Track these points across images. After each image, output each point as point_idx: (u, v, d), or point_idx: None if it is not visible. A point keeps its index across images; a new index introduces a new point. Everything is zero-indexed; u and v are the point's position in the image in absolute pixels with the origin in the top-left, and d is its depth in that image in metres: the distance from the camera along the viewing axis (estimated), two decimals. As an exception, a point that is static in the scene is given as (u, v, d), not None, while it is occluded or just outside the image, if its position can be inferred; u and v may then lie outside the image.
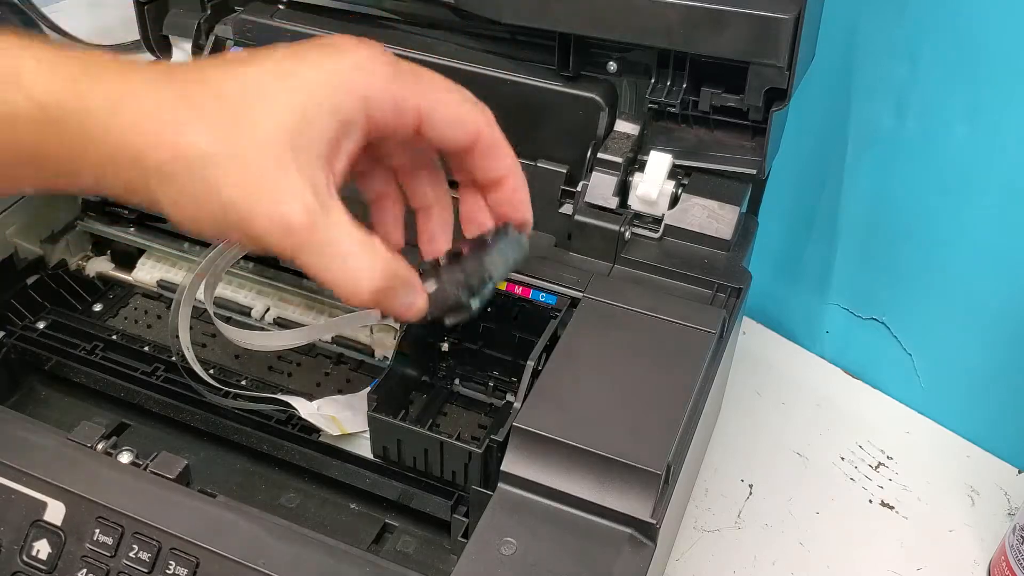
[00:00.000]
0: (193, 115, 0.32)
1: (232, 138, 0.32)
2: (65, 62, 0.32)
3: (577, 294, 0.45)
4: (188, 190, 0.32)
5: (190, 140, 0.32)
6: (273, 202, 0.32)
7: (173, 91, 0.33)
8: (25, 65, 0.32)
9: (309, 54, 0.34)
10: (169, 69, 0.35)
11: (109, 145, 0.32)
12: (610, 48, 0.51)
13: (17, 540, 0.37)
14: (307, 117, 0.33)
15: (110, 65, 0.33)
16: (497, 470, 0.38)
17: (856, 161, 0.59)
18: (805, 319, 0.67)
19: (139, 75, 0.33)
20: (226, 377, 0.46)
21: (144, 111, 0.32)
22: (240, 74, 0.33)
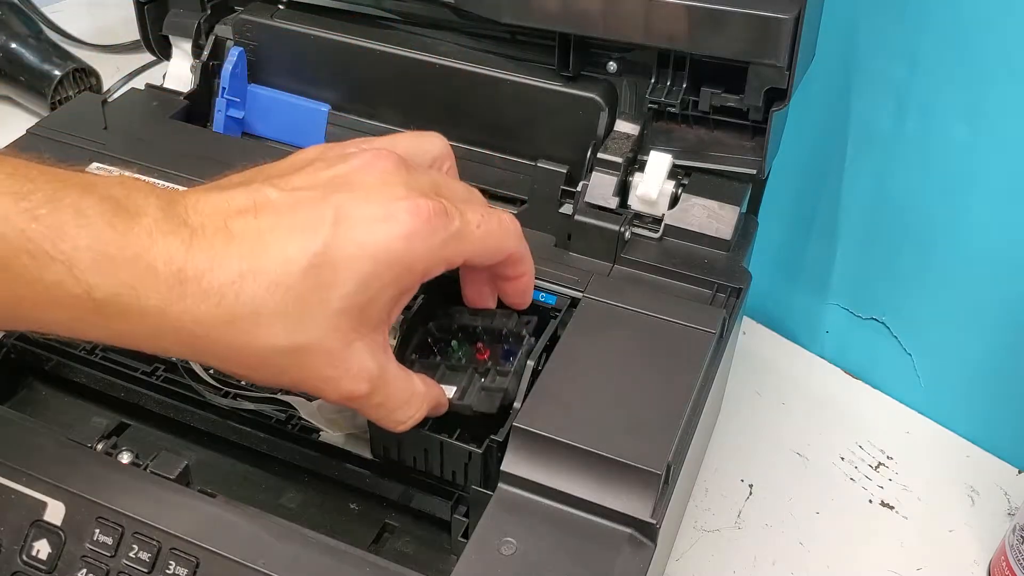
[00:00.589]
0: (269, 310, 0.32)
1: (302, 333, 0.33)
2: (113, 255, 0.31)
3: (577, 294, 0.45)
4: (245, 369, 0.34)
5: (265, 344, 0.33)
6: (339, 381, 0.35)
7: (231, 293, 0.32)
8: (81, 257, 0.30)
9: (359, 213, 0.34)
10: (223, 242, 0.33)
11: (165, 339, 0.32)
12: (610, 48, 0.51)
13: (17, 540, 0.37)
14: (367, 300, 0.34)
15: (151, 260, 0.31)
16: (497, 470, 0.38)
17: (856, 161, 0.59)
18: (805, 319, 0.67)
19: (192, 265, 0.32)
20: (226, 377, 0.46)
21: (204, 319, 0.32)
22: (300, 247, 0.33)
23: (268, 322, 0.33)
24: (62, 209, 0.30)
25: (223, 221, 0.33)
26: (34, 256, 0.30)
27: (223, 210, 0.33)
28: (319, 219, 0.34)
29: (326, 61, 0.56)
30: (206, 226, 0.33)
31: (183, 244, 0.32)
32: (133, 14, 0.61)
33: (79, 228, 0.30)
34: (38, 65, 0.79)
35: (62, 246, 0.30)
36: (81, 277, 0.30)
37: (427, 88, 0.54)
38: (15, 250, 0.30)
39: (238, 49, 0.58)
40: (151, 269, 0.31)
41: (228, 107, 0.58)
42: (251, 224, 0.33)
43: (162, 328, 0.32)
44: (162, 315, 0.31)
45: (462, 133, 0.55)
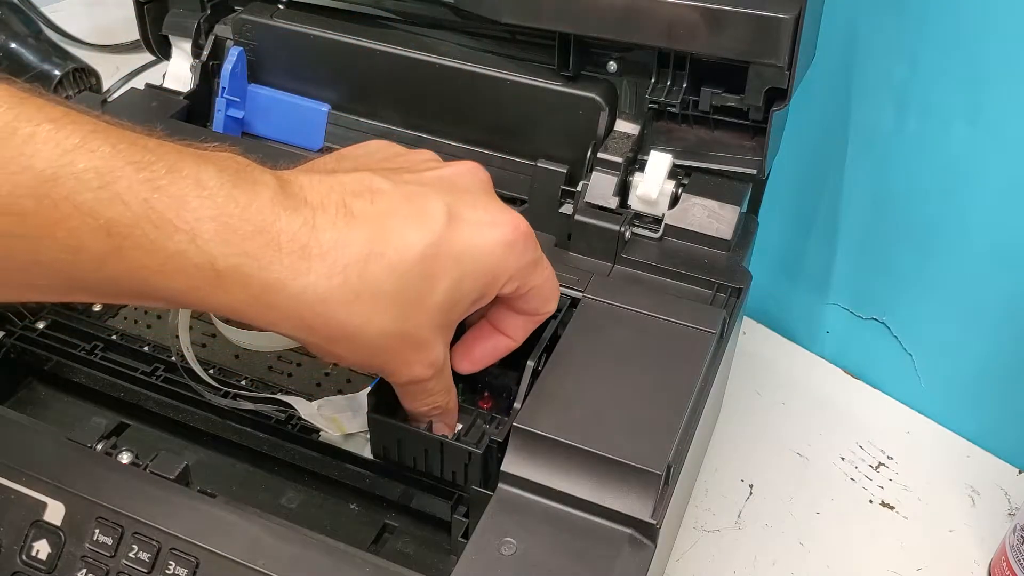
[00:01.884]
0: (387, 292, 0.34)
1: (405, 321, 0.35)
2: (236, 226, 0.31)
3: (577, 294, 0.45)
4: (346, 349, 0.35)
5: (377, 327, 0.34)
6: (414, 365, 0.37)
7: (355, 272, 0.33)
8: (204, 228, 0.31)
9: (470, 215, 0.36)
10: (344, 228, 0.34)
11: (278, 311, 0.33)
12: (610, 48, 0.51)
13: (17, 540, 0.37)
14: (459, 297, 0.36)
15: (275, 234, 0.32)
16: (497, 470, 0.38)
17: (856, 161, 0.59)
18: (805, 319, 0.67)
19: (318, 242, 0.33)
20: (226, 377, 0.46)
21: (328, 296, 0.33)
22: (417, 236, 0.34)
23: (384, 305, 0.34)
24: (183, 179, 0.31)
25: (342, 201, 0.34)
26: (157, 225, 0.30)
27: (340, 192, 0.34)
28: (434, 213, 0.35)
29: (326, 61, 0.56)
30: (326, 205, 0.33)
31: (306, 222, 0.33)
32: (133, 14, 0.61)
33: (201, 199, 0.31)
34: (38, 65, 0.79)
35: (185, 215, 0.30)
36: (204, 247, 0.31)
37: (427, 88, 0.54)
38: (138, 218, 0.30)
39: (238, 49, 0.58)
40: (275, 242, 0.32)
41: (228, 107, 0.58)
42: (370, 208, 0.34)
43: (279, 301, 0.32)
44: (283, 288, 0.32)
45: (462, 133, 0.55)
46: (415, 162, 0.40)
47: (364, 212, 0.34)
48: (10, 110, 0.29)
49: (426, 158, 0.41)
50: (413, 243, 0.34)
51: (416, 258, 0.34)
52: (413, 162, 0.40)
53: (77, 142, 0.29)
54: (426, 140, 0.56)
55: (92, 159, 0.29)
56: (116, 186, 0.30)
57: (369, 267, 0.33)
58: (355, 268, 0.33)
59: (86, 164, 0.29)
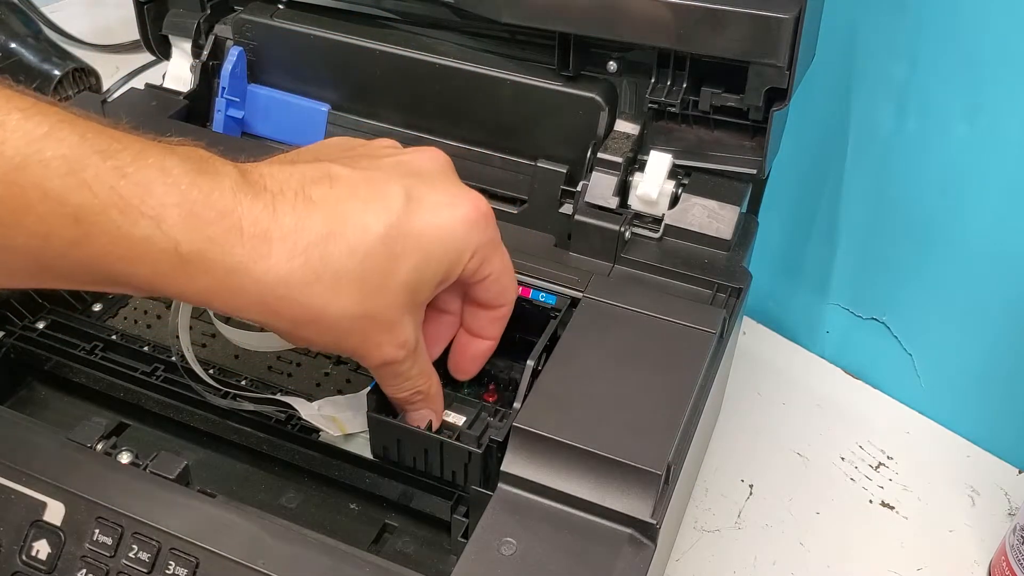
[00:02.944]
0: (349, 274, 0.34)
1: (370, 302, 0.35)
2: (200, 212, 0.32)
3: (577, 294, 0.45)
4: (312, 332, 0.36)
5: (341, 308, 0.35)
6: (384, 346, 0.37)
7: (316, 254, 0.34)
8: (169, 213, 0.31)
9: (428, 197, 0.37)
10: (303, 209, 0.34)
11: (243, 296, 0.33)
12: (610, 48, 0.51)
13: (17, 540, 0.37)
14: (424, 278, 0.37)
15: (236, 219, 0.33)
16: (497, 470, 0.38)
17: (856, 161, 0.59)
18: (805, 319, 0.67)
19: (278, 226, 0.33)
20: (226, 377, 0.46)
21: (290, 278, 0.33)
22: (376, 218, 0.35)
23: (347, 285, 0.34)
24: (148, 167, 0.31)
25: (301, 187, 0.35)
26: (123, 212, 0.31)
27: (298, 179, 0.35)
28: (393, 196, 0.36)
29: (326, 61, 0.56)
30: (285, 192, 0.34)
31: (266, 206, 0.33)
32: (133, 14, 0.60)
33: (166, 186, 0.31)
34: (38, 65, 0.79)
35: (150, 202, 0.31)
36: (169, 232, 0.31)
37: (427, 88, 0.54)
38: (104, 205, 0.30)
39: (238, 49, 0.58)
40: (236, 227, 0.32)
41: (228, 107, 0.58)
42: (328, 193, 0.35)
43: (243, 285, 0.33)
44: (246, 272, 0.33)
45: (462, 133, 0.55)
46: (374, 148, 0.41)
47: (323, 196, 0.35)
48: None
49: (385, 145, 0.41)
50: (372, 224, 0.35)
51: (376, 239, 0.35)
52: (372, 149, 0.40)
53: (45, 131, 0.30)
54: (426, 140, 0.56)
55: (60, 147, 0.30)
56: (83, 173, 0.30)
57: (329, 249, 0.34)
58: (315, 250, 0.34)
59: (54, 152, 0.30)
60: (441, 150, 0.41)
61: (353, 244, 0.34)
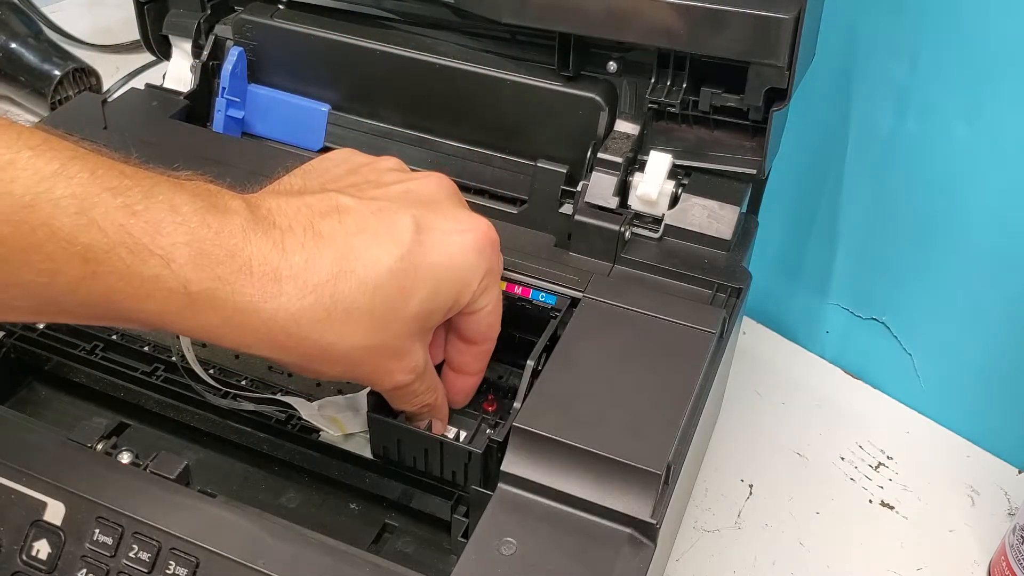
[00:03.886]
0: (360, 309, 0.34)
1: (381, 334, 0.35)
2: (210, 251, 0.32)
3: (577, 294, 0.45)
4: (322, 365, 0.36)
5: (352, 342, 0.35)
6: (395, 373, 0.37)
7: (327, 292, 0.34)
8: (179, 252, 0.31)
9: (437, 226, 0.37)
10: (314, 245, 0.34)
11: (252, 334, 0.33)
12: (610, 48, 0.51)
13: (17, 540, 0.37)
14: (434, 307, 0.37)
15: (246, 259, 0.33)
16: (497, 470, 0.38)
17: (856, 161, 0.59)
18: (805, 319, 0.67)
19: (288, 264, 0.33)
20: (226, 377, 0.46)
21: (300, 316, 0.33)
22: (386, 251, 0.35)
23: (357, 321, 0.34)
24: (158, 205, 0.31)
25: (310, 223, 0.34)
26: (132, 250, 0.31)
27: (307, 214, 0.35)
28: (402, 227, 0.36)
29: (326, 61, 0.56)
30: (294, 228, 0.34)
31: (275, 245, 0.33)
32: (133, 14, 0.60)
33: (175, 225, 0.31)
34: (38, 65, 0.79)
35: (160, 241, 0.31)
36: (179, 272, 0.31)
37: (427, 88, 0.54)
38: (113, 244, 0.30)
39: (238, 49, 0.58)
40: (246, 266, 0.32)
41: (228, 107, 0.58)
42: (337, 227, 0.35)
43: (251, 324, 0.33)
44: (255, 311, 0.33)
45: (462, 133, 0.55)
46: (380, 172, 0.40)
47: (332, 232, 0.35)
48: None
49: (391, 167, 0.41)
50: (383, 259, 0.35)
51: (386, 273, 0.35)
52: (378, 173, 0.40)
53: (56, 168, 0.30)
54: (426, 140, 0.56)
55: (70, 185, 0.30)
56: (93, 212, 0.30)
57: (340, 286, 0.34)
58: (326, 288, 0.34)
59: (64, 191, 0.30)
60: (445, 175, 0.41)
61: (363, 279, 0.34)
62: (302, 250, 0.34)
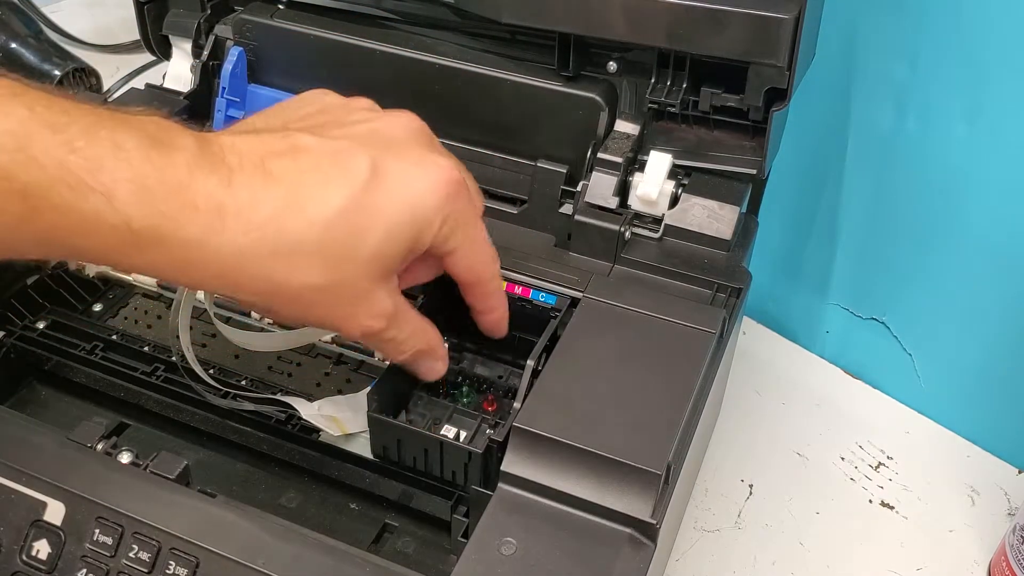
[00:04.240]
0: (308, 247, 0.34)
1: (334, 274, 0.35)
2: (152, 187, 0.31)
3: (577, 294, 0.45)
4: (277, 304, 0.35)
5: (302, 280, 0.34)
6: (359, 317, 0.37)
7: (272, 228, 0.33)
8: (120, 189, 0.31)
9: (395, 167, 0.36)
10: (261, 177, 0.34)
11: (201, 270, 0.33)
12: (610, 48, 0.51)
13: (17, 540, 0.37)
14: (389, 249, 0.36)
15: (191, 195, 0.32)
16: (497, 470, 0.38)
17: (856, 161, 0.59)
18: (805, 319, 0.67)
19: (233, 200, 0.33)
20: (226, 377, 0.46)
21: (246, 251, 0.33)
22: (338, 191, 0.34)
23: (306, 259, 0.34)
24: (100, 141, 0.31)
25: (261, 161, 0.34)
26: (72, 187, 0.30)
27: (260, 152, 0.35)
28: (357, 167, 0.35)
29: (326, 61, 0.56)
30: (244, 165, 0.34)
31: (222, 180, 0.33)
32: (133, 14, 0.60)
33: (117, 161, 0.31)
34: (38, 65, 0.79)
35: (101, 177, 0.31)
36: (120, 208, 0.31)
37: (427, 88, 0.54)
38: (52, 180, 0.30)
39: (238, 49, 0.58)
40: (190, 202, 0.32)
41: (228, 107, 0.58)
42: (290, 166, 0.34)
43: (199, 259, 0.33)
44: (201, 246, 0.32)
45: (462, 133, 0.55)
46: (349, 111, 0.40)
47: (284, 170, 0.34)
48: None
49: (361, 107, 0.40)
50: (332, 197, 0.34)
51: (336, 212, 0.34)
52: (347, 112, 0.40)
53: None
54: (426, 140, 0.56)
55: (8, 122, 0.30)
56: (32, 149, 0.30)
57: (286, 222, 0.33)
58: (271, 224, 0.33)
59: (2, 127, 0.30)
60: (416, 115, 0.40)
61: (311, 217, 0.34)
62: (249, 187, 0.33)
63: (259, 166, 0.34)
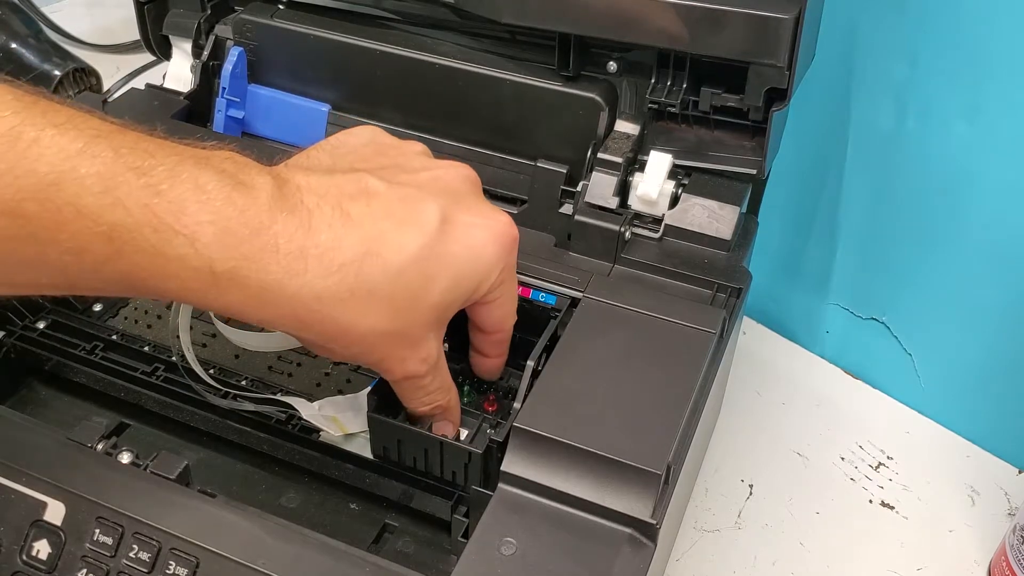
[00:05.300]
0: (382, 292, 0.35)
1: (401, 320, 0.36)
2: (235, 230, 0.32)
3: (577, 294, 0.45)
4: (339, 345, 0.36)
5: (370, 324, 0.35)
6: (408, 361, 0.37)
7: (351, 272, 0.34)
8: (203, 231, 0.31)
9: (462, 218, 0.37)
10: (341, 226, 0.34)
11: (274, 310, 0.33)
12: (610, 48, 0.51)
13: (17, 540, 0.37)
14: (453, 297, 0.37)
15: (272, 237, 0.33)
16: (497, 470, 0.38)
17: (856, 161, 0.59)
18: (805, 319, 0.67)
19: (314, 243, 0.33)
20: (226, 377, 0.46)
21: (324, 294, 0.33)
22: (412, 238, 0.35)
23: (378, 303, 0.35)
24: (182, 183, 0.31)
25: (338, 204, 0.35)
26: (157, 230, 0.31)
27: (335, 194, 0.35)
28: (429, 215, 0.36)
29: (326, 61, 0.57)
30: (322, 207, 0.34)
31: (302, 223, 0.33)
32: (133, 14, 0.60)
33: (200, 204, 0.31)
34: (38, 65, 0.79)
35: (185, 220, 0.31)
36: (203, 251, 0.31)
37: (427, 88, 0.54)
38: (138, 224, 0.31)
39: (238, 49, 0.58)
40: (272, 244, 0.32)
41: (228, 107, 0.58)
42: (365, 210, 0.35)
43: (275, 300, 0.33)
44: (280, 288, 0.33)
45: (462, 133, 0.55)
46: (408, 157, 0.41)
47: (360, 214, 0.35)
48: (15, 115, 0.29)
49: (418, 151, 0.41)
50: (407, 244, 0.35)
51: (410, 259, 0.35)
52: (407, 157, 0.40)
53: (80, 147, 0.30)
54: (426, 140, 0.55)
55: (94, 164, 0.30)
56: (117, 191, 0.30)
57: (364, 267, 0.34)
58: (351, 268, 0.34)
59: (88, 169, 0.30)
60: (470, 167, 0.41)
61: (388, 263, 0.34)
62: (329, 230, 0.34)
63: (336, 208, 0.34)
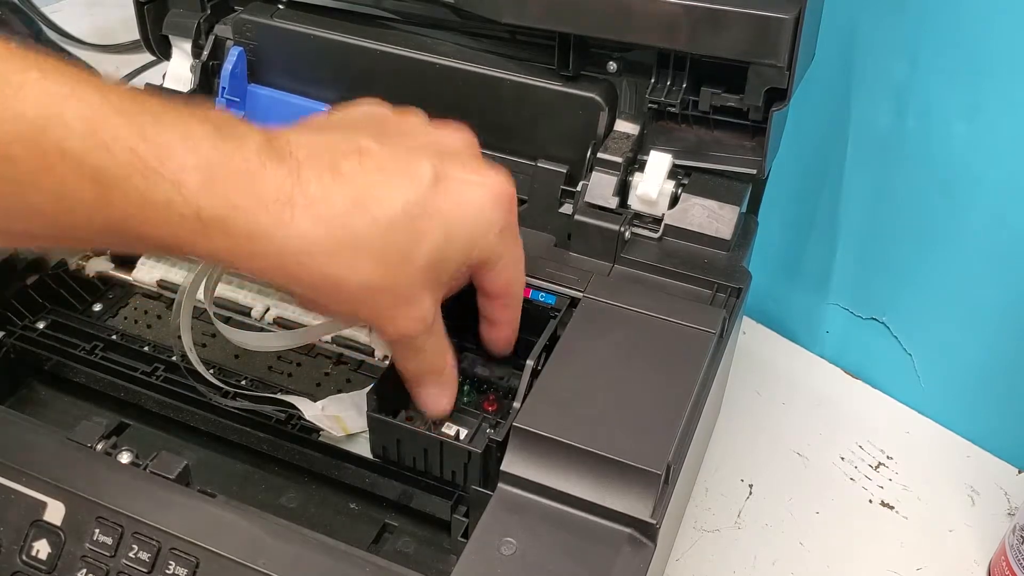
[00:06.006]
0: (369, 246, 0.34)
1: (391, 275, 0.35)
2: (222, 176, 0.32)
3: (577, 294, 0.45)
4: (329, 300, 0.36)
5: (360, 279, 0.34)
6: (400, 320, 0.37)
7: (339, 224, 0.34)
8: (190, 177, 0.31)
9: (456, 175, 0.37)
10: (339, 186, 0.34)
11: (262, 260, 0.33)
12: (610, 48, 0.51)
13: (17, 540, 0.37)
14: (446, 255, 0.37)
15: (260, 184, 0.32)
16: (497, 470, 0.38)
17: (856, 161, 0.59)
18: (805, 319, 0.67)
19: (303, 193, 0.33)
20: (226, 377, 0.46)
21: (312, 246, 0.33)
22: (402, 194, 0.35)
23: (367, 257, 0.34)
24: (169, 129, 0.31)
25: (330, 159, 0.35)
26: (143, 175, 0.31)
27: (327, 150, 0.35)
28: (420, 173, 0.36)
29: (326, 61, 0.56)
30: (311, 160, 0.34)
31: (291, 173, 0.33)
32: (133, 14, 0.60)
33: (186, 149, 0.31)
34: (38, 65, 0.79)
35: (170, 165, 0.31)
36: (190, 198, 0.31)
37: (427, 88, 0.54)
38: (124, 168, 0.30)
39: (238, 49, 0.58)
40: (260, 193, 0.32)
41: (228, 107, 0.58)
42: (356, 167, 0.35)
43: (262, 249, 0.33)
44: (267, 237, 0.33)
45: (462, 133, 0.55)
46: (406, 125, 0.40)
47: (351, 170, 0.35)
48: (2, 62, 0.29)
49: (416, 121, 0.41)
50: (397, 198, 0.35)
51: (400, 213, 0.35)
52: (404, 125, 0.40)
53: (66, 91, 0.30)
54: (426, 140, 0.56)
55: (81, 107, 0.30)
56: (103, 135, 0.30)
57: (353, 220, 0.34)
58: (339, 220, 0.34)
59: (74, 113, 0.30)
60: (468, 130, 0.41)
61: (377, 216, 0.34)
62: (318, 182, 0.34)
63: (328, 164, 0.34)
